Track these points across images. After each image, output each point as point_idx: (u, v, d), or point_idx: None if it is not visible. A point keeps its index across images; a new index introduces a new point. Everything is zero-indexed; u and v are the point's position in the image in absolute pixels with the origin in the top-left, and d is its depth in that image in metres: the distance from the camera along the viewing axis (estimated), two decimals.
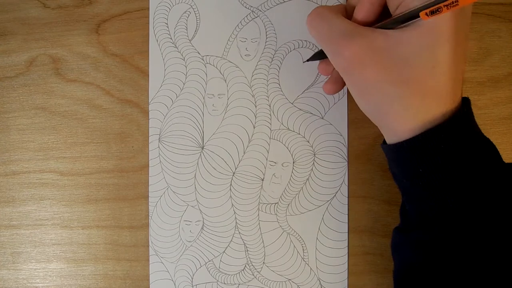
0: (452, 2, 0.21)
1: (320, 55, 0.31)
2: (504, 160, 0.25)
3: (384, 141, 0.28)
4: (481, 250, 0.23)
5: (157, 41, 0.36)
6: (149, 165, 0.36)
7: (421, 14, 0.22)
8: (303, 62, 0.34)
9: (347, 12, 0.28)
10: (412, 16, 0.23)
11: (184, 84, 0.35)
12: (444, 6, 0.22)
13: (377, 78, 0.24)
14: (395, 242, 0.28)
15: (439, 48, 0.23)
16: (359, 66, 0.24)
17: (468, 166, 0.24)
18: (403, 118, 0.24)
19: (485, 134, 0.25)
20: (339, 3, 0.34)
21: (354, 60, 0.24)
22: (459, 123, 0.24)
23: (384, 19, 0.25)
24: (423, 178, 0.25)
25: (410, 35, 0.23)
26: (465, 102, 0.25)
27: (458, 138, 0.24)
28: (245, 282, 0.35)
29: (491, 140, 0.25)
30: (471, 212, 0.24)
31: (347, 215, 0.34)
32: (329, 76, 0.32)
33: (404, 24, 0.24)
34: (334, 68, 0.31)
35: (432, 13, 0.22)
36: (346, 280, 0.34)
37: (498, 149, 0.25)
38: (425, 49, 0.23)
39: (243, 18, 0.35)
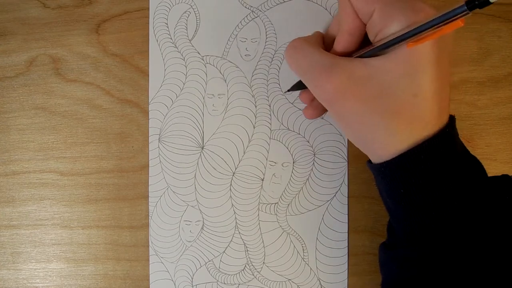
0: (437, 36, 0.21)
1: (300, 85, 0.31)
2: (503, 162, 0.25)
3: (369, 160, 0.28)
4: (467, 267, 0.23)
5: (157, 41, 0.36)
6: (149, 165, 0.36)
7: (408, 44, 0.22)
8: (284, 92, 0.34)
9: (325, 42, 0.28)
10: (389, 44, 0.23)
11: (184, 84, 0.35)
12: (425, 35, 0.21)
13: (359, 109, 0.24)
14: (382, 259, 0.29)
15: (420, 75, 0.22)
16: (341, 98, 0.24)
17: (449, 185, 0.23)
18: (387, 146, 0.24)
19: (485, 134, 0.25)
20: (337, 2, 0.34)
21: (335, 93, 0.24)
22: (438, 144, 0.23)
23: (364, 47, 0.25)
24: (404, 198, 0.25)
25: (389, 63, 0.23)
26: (450, 121, 0.25)
27: (437, 158, 0.23)
28: (245, 282, 0.35)
29: (493, 139, 0.25)
30: (454, 229, 0.24)
31: (347, 215, 0.34)
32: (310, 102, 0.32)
33: (384, 52, 0.23)
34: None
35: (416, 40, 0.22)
36: (346, 280, 0.34)
37: (498, 149, 0.25)
38: (405, 77, 0.23)
39: (243, 18, 0.35)
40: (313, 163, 0.35)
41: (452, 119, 0.25)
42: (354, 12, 0.24)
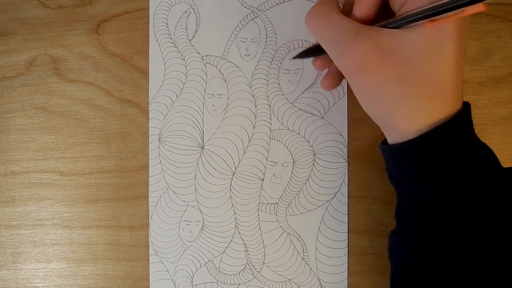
0: (458, 17, 0.21)
1: (309, 53, 0.30)
2: (503, 162, 0.25)
3: (383, 142, 0.27)
4: (479, 254, 0.23)
5: (157, 41, 0.36)
6: (149, 165, 0.36)
7: (426, 23, 0.22)
8: (290, 59, 0.34)
9: (344, 9, 0.28)
10: (416, 18, 0.23)
11: (184, 84, 0.35)
12: (448, 16, 0.21)
13: (385, 79, 0.24)
14: (392, 246, 0.28)
15: (446, 47, 0.23)
16: (367, 68, 0.24)
17: (468, 169, 0.23)
18: (410, 119, 0.24)
19: (485, 134, 0.25)
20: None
21: (362, 62, 0.24)
22: (461, 125, 0.24)
23: (383, 17, 0.25)
24: (422, 180, 0.24)
25: (417, 35, 0.23)
26: (466, 106, 0.25)
27: (459, 140, 0.23)
28: (245, 282, 0.35)
29: (493, 139, 0.25)
30: (470, 215, 0.24)
31: (347, 215, 0.34)
32: (326, 71, 0.31)
33: (410, 25, 0.23)
34: (331, 63, 0.30)
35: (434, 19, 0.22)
36: (346, 280, 0.34)
37: (498, 149, 0.25)
38: (432, 49, 0.23)
39: (243, 18, 0.35)
40: (313, 163, 0.35)
41: (467, 104, 0.25)
42: None
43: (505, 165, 0.29)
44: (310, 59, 0.32)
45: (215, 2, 0.35)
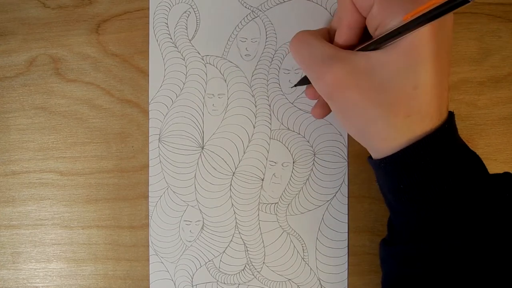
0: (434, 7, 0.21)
1: (307, 80, 0.31)
2: (503, 162, 0.25)
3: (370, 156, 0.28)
4: (466, 264, 0.23)
5: (157, 41, 0.36)
6: (149, 165, 0.36)
7: (403, 17, 0.22)
8: (290, 87, 0.34)
9: (331, 36, 0.28)
10: (391, 36, 0.23)
11: (184, 84, 0.35)
12: (426, 17, 0.21)
13: (359, 101, 0.24)
14: (382, 255, 0.29)
15: (420, 68, 0.23)
16: (341, 90, 0.24)
17: (448, 182, 0.23)
18: (386, 139, 0.24)
19: (485, 134, 0.25)
20: (337, 1, 0.34)
21: (336, 85, 0.24)
22: (437, 140, 0.24)
23: (364, 41, 0.25)
24: (404, 194, 0.25)
25: (390, 56, 0.23)
26: (449, 117, 0.25)
27: (437, 154, 0.23)
28: (245, 282, 0.35)
29: (493, 139, 0.25)
30: (454, 226, 0.24)
31: (347, 215, 0.34)
32: (317, 100, 0.32)
33: (384, 45, 0.23)
34: None
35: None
36: (346, 280, 0.34)
37: (498, 149, 0.25)
38: (405, 70, 0.23)
39: (243, 18, 0.35)
40: (313, 163, 0.35)
41: (451, 115, 0.25)
42: (353, 6, 0.24)
43: (505, 165, 0.29)
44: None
45: (215, 2, 0.35)
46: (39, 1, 0.37)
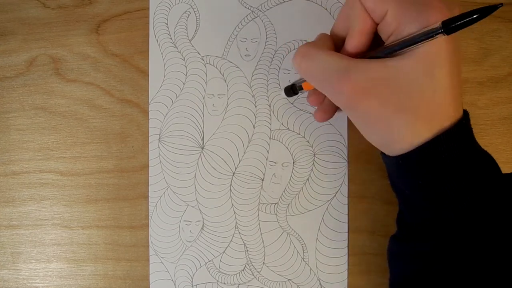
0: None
1: (292, 91, 0.31)
2: (503, 162, 0.25)
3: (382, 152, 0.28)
4: (482, 262, 0.23)
5: (157, 41, 0.36)
6: (149, 165, 0.36)
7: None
8: (283, 98, 0.34)
9: (334, 44, 0.28)
10: (407, 44, 0.23)
11: (184, 84, 0.35)
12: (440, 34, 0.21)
13: (380, 109, 0.24)
14: (393, 251, 0.28)
15: (438, 73, 0.23)
16: (361, 100, 0.24)
17: (467, 178, 0.24)
18: (407, 141, 0.24)
19: (485, 134, 0.25)
20: (339, 3, 0.34)
21: (355, 95, 0.24)
22: (457, 136, 0.24)
23: (374, 46, 0.25)
24: (422, 190, 0.25)
25: (407, 63, 0.23)
26: (464, 114, 0.25)
27: (456, 150, 0.23)
28: (245, 282, 0.35)
29: (493, 139, 0.25)
30: (471, 223, 0.24)
31: (347, 215, 0.34)
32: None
33: (400, 52, 0.23)
34: (325, 97, 0.31)
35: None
36: (346, 280, 0.34)
37: (498, 149, 0.25)
38: (424, 76, 0.23)
39: (243, 18, 0.35)
40: (313, 163, 0.35)
41: (466, 113, 0.25)
42: (365, 12, 0.24)
43: (505, 165, 0.29)
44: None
45: (215, 2, 0.35)
46: (39, 1, 0.37)
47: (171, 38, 0.35)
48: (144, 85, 0.36)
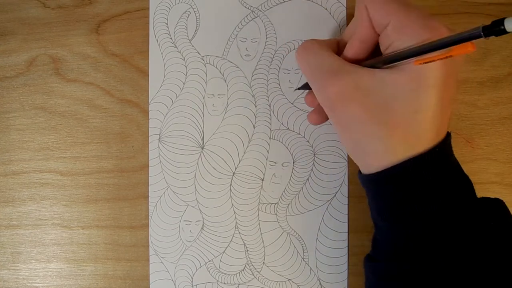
0: (446, 57, 0.21)
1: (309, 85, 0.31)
2: (503, 162, 0.25)
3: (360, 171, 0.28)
4: (450, 285, 0.23)
5: (157, 41, 0.36)
6: (149, 165, 0.36)
7: (415, 62, 0.22)
8: (294, 90, 0.34)
9: (340, 48, 0.28)
10: (399, 57, 0.23)
11: (184, 84, 0.35)
12: (435, 56, 0.21)
13: (359, 117, 0.24)
14: (365, 270, 0.29)
15: (423, 94, 0.22)
16: (342, 104, 0.24)
17: (435, 203, 0.23)
18: (380, 157, 0.24)
19: (485, 134, 0.25)
20: (339, 3, 0.34)
21: (338, 97, 0.24)
22: (428, 160, 0.23)
23: (373, 57, 0.25)
24: (391, 211, 0.25)
25: (395, 77, 0.23)
26: (443, 139, 0.24)
27: (426, 174, 0.23)
28: (245, 282, 0.35)
29: (493, 139, 0.25)
30: (436, 247, 0.23)
31: (347, 215, 0.34)
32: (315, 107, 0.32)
33: (392, 65, 0.23)
34: None
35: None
36: (346, 280, 0.34)
37: (498, 149, 0.25)
38: (409, 93, 0.23)
39: (243, 18, 0.35)
40: (313, 163, 0.35)
41: (447, 136, 0.25)
42: (369, 21, 0.24)
43: (505, 165, 0.29)
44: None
45: (215, 2, 0.35)
46: (39, 1, 0.37)
47: (171, 38, 0.35)
48: (144, 85, 0.36)
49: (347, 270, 0.34)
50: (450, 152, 0.25)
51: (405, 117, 0.23)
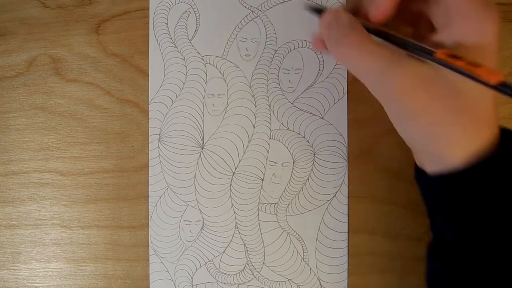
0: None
1: (321, 10, 0.28)
2: None
3: (418, 172, 0.27)
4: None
5: (157, 41, 0.36)
6: (149, 165, 0.36)
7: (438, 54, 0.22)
8: (305, 9, 0.32)
9: (349, 9, 0.27)
10: (457, 70, 0.22)
11: (184, 84, 0.35)
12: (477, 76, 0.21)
13: (427, 106, 0.23)
14: (430, 260, 0.28)
15: None
16: (409, 94, 0.23)
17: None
18: (456, 145, 0.24)
19: None
20: (339, 3, 0.34)
21: (404, 88, 0.23)
22: (508, 157, 0.23)
23: (417, 27, 0.25)
24: (474, 212, 0.24)
25: None
26: (507, 132, 0.24)
27: (508, 171, 0.23)
28: (245, 282, 0.35)
29: None
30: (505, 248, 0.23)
31: (347, 215, 0.34)
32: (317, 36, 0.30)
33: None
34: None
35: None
36: (346, 280, 0.34)
37: None
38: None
39: (243, 18, 0.35)
40: (313, 163, 0.35)
41: (509, 132, 0.25)
42: None
43: None
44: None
45: (215, 2, 0.35)
46: (39, 1, 0.37)
47: (171, 38, 0.35)
48: (144, 85, 0.36)
49: (347, 270, 0.34)
50: None
51: (472, 99, 0.23)
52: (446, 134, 0.24)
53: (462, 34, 0.23)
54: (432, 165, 0.25)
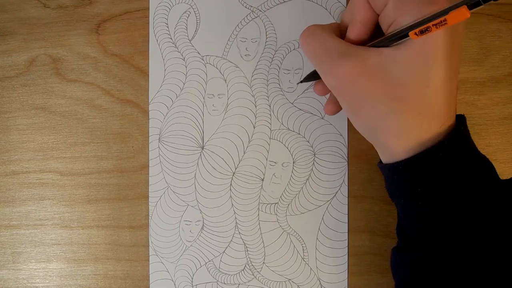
0: (441, 22, 0.21)
1: (313, 76, 0.30)
2: (503, 162, 0.25)
3: (381, 160, 0.28)
4: (480, 268, 0.23)
5: (157, 41, 0.36)
6: (149, 165, 0.36)
7: (410, 34, 0.22)
8: (297, 83, 0.34)
9: (341, 31, 0.28)
10: (403, 34, 0.23)
11: (184, 84, 0.35)
12: (433, 25, 0.21)
13: (371, 96, 0.24)
14: (395, 262, 0.29)
15: (432, 66, 0.23)
16: (353, 85, 0.24)
17: (467, 184, 0.24)
18: (398, 137, 0.24)
19: (485, 134, 0.25)
20: (339, 3, 0.34)
21: (348, 80, 0.24)
22: (457, 141, 0.24)
23: (377, 37, 0.25)
24: (421, 198, 0.25)
25: (403, 53, 0.23)
26: (461, 120, 0.25)
27: (456, 156, 0.23)
28: (245, 282, 0.35)
29: (493, 139, 0.25)
30: (470, 229, 0.24)
31: (347, 215, 0.34)
32: (328, 97, 0.32)
33: (397, 42, 0.24)
34: None
35: (422, 32, 0.22)
36: (346, 280, 0.34)
37: (498, 149, 0.25)
38: (418, 67, 0.23)
39: (243, 18, 0.35)
40: (313, 163, 0.35)
41: (462, 117, 0.25)
42: (367, 2, 0.24)
43: (505, 165, 0.29)
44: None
45: (215, 2, 0.35)
46: (39, 1, 0.37)
47: (171, 38, 0.35)
48: (144, 85, 0.36)
49: (347, 270, 0.34)
50: (469, 132, 0.25)
51: (416, 92, 0.23)
52: (388, 126, 0.24)
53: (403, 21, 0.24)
54: (382, 155, 0.27)
